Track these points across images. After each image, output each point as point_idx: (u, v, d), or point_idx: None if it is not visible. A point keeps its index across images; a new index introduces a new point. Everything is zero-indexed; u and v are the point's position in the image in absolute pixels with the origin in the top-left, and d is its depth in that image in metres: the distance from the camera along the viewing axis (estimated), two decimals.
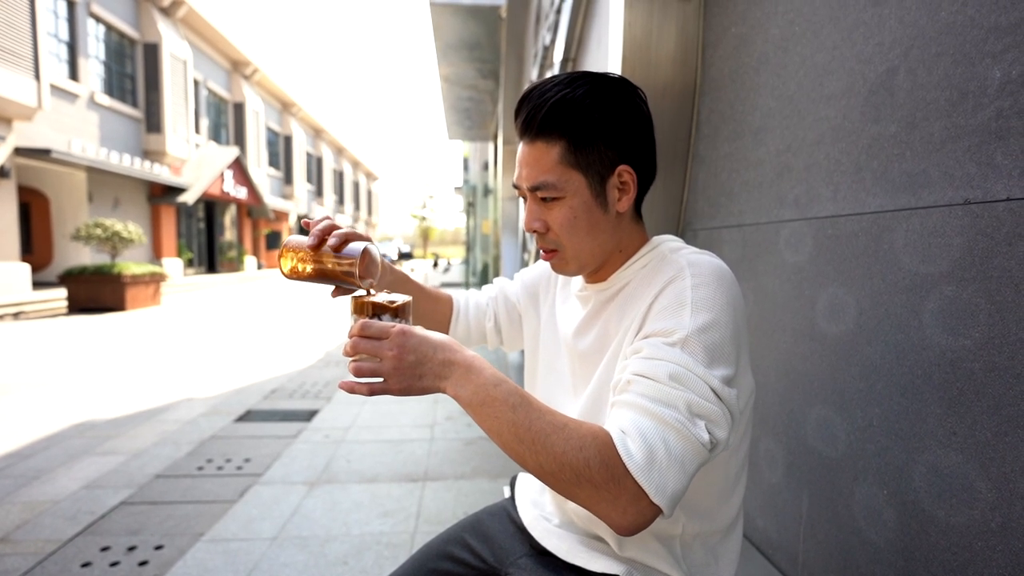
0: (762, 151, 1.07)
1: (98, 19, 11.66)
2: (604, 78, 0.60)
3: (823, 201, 0.88)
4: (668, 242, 0.65)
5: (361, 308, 0.56)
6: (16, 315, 7.74)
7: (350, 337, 0.54)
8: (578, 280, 0.72)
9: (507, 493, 0.86)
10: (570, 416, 0.54)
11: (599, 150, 0.60)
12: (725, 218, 1.21)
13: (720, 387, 0.51)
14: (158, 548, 1.79)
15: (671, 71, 1.37)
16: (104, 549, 1.78)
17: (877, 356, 0.75)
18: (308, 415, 3.30)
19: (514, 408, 0.51)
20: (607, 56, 1.65)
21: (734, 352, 0.54)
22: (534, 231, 0.63)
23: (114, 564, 1.69)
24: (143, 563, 1.69)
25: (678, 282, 0.56)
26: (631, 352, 0.57)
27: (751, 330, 1.09)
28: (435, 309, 0.80)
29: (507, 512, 0.78)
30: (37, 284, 10.63)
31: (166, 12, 13.74)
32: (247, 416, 3.29)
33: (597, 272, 0.67)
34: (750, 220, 1.11)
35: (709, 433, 0.49)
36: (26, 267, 9.07)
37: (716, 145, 1.27)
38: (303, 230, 0.69)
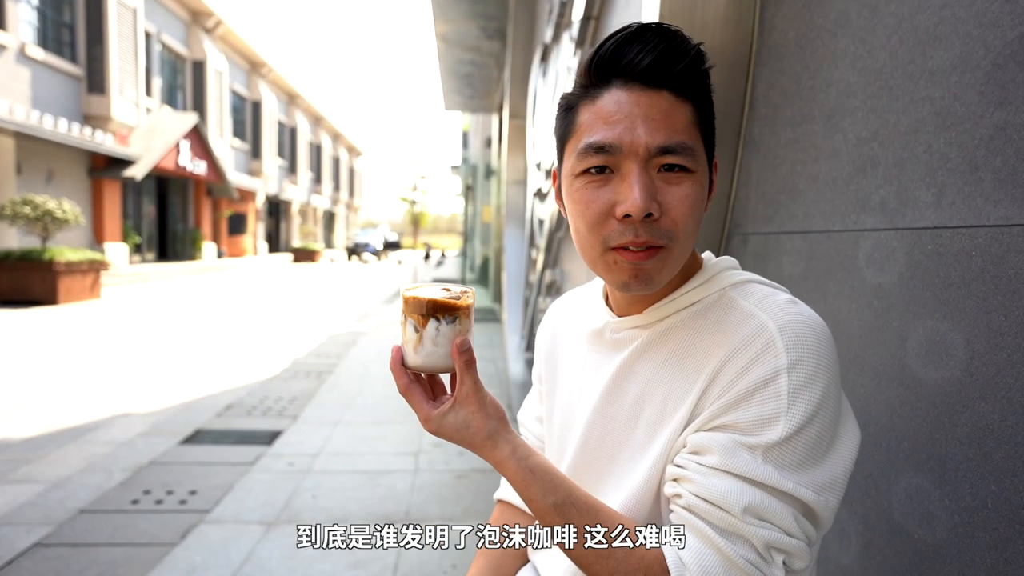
0: (838, 139, 0.99)
1: None
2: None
3: (921, 207, 0.80)
4: (728, 272, 0.60)
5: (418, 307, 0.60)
6: None
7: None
8: (600, 323, 0.67)
9: None
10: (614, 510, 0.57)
11: (714, 129, 0.59)
12: (785, 222, 1.14)
13: (814, 500, 0.49)
14: None
15: (720, 35, 1.29)
16: None
17: (996, 417, 0.67)
18: (269, 437, 3.27)
19: (555, 511, 0.54)
20: (640, 14, 1.57)
21: (833, 432, 0.52)
22: (647, 216, 0.53)
23: None
24: None
25: (767, 358, 0.51)
26: (695, 444, 0.52)
27: None
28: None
29: None
30: None
31: None
32: (195, 437, 3.26)
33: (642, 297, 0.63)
34: (819, 226, 1.03)
35: (785, 569, 0.49)
36: None
37: (776, 129, 1.19)
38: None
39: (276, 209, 27.54)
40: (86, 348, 5.68)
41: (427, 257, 25.53)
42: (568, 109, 0.58)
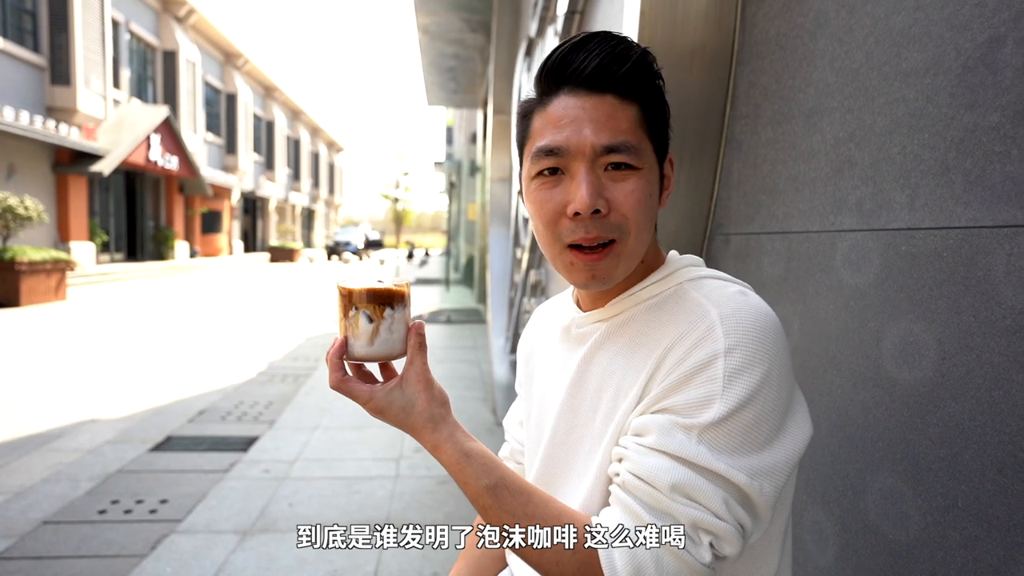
0: (816, 139, 1.01)
1: None
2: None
3: (895, 208, 0.83)
4: (687, 268, 0.64)
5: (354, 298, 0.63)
6: None
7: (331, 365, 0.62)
8: (568, 320, 0.71)
9: None
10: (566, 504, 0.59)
11: (666, 127, 0.62)
12: (766, 222, 1.16)
13: (746, 483, 0.50)
14: None
15: (702, 32, 1.31)
16: None
17: (965, 416, 0.69)
18: (244, 443, 3.25)
19: (488, 493, 0.56)
20: (622, 10, 1.59)
21: (776, 422, 0.53)
22: (595, 212, 0.57)
23: None
24: None
25: (707, 343, 0.54)
26: (636, 426, 0.56)
27: (795, 366, 1.04)
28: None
29: None
30: None
31: None
32: (166, 444, 3.23)
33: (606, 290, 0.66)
34: (798, 227, 1.05)
35: (714, 552, 0.51)
36: None
37: (757, 129, 1.21)
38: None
39: (252, 206, 27.22)
40: (51, 352, 5.58)
41: (410, 256, 25.42)
42: (524, 116, 0.64)
